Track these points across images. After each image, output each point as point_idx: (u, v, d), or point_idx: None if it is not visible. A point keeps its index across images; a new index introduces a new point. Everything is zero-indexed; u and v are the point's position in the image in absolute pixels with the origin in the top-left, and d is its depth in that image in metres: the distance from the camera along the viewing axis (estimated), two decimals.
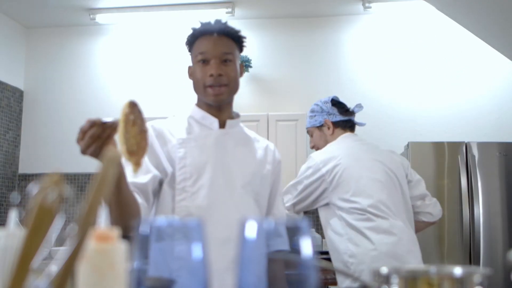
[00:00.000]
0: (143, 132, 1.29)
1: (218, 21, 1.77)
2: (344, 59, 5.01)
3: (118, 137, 1.25)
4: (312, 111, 2.59)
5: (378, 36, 4.98)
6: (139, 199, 1.58)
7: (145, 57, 5.14)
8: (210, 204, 1.68)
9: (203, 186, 1.69)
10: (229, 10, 4.79)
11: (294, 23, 5.07)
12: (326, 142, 2.52)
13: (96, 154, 1.32)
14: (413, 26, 4.93)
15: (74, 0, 4.76)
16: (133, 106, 1.29)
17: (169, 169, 1.70)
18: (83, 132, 1.30)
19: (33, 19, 5.17)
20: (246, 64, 4.84)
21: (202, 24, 1.78)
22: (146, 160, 1.66)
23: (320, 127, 2.56)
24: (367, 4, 4.75)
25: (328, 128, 2.55)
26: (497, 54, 4.40)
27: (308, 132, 2.61)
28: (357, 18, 5.03)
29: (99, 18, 5.04)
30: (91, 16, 4.99)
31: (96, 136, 1.29)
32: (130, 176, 1.63)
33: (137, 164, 1.26)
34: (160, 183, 1.71)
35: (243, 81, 5.19)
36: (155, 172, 1.67)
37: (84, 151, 1.32)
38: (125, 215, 1.47)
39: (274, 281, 0.57)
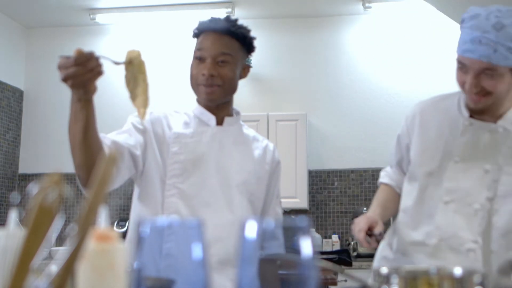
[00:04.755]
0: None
1: (226, 19, 1.73)
2: (344, 59, 5.01)
3: (142, 85, 1.32)
4: None
5: (378, 36, 4.98)
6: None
7: (145, 57, 5.13)
8: (200, 203, 1.66)
9: (194, 183, 1.67)
10: (229, 10, 4.80)
11: (294, 23, 5.07)
12: (507, 92, 1.66)
13: (79, 87, 1.31)
14: (413, 26, 4.93)
15: (74, 0, 4.76)
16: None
17: (158, 159, 1.69)
18: (76, 63, 1.26)
19: (33, 19, 5.16)
20: (247, 65, 4.84)
21: (210, 19, 1.73)
22: (139, 140, 1.65)
23: None
24: (367, 4, 4.75)
25: None
26: None
27: (488, 70, 1.57)
28: (357, 18, 5.03)
29: (99, 18, 5.04)
30: (91, 16, 4.99)
31: (90, 69, 1.27)
32: (113, 133, 1.63)
33: (145, 111, 1.34)
34: (136, 168, 1.67)
35: (243, 81, 5.17)
36: (139, 153, 1.65)
37: (68, 79, 1.28)
38: (88, 160, 1.42)
39: (267, 282, 0.57)
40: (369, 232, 1.69)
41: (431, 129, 1.78)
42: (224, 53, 1.69)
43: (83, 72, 1.27)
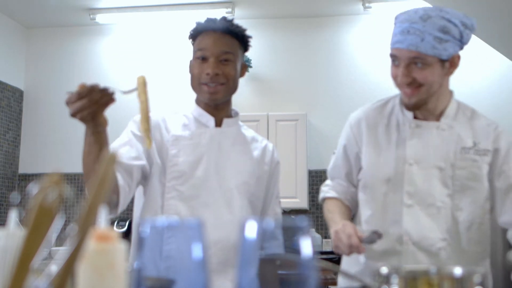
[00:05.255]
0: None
1: (223, 19, 1.74)
2: (344, 59, 5.01)
3: (142, 113, 1.28)
4: (445, 30, 1.63)
5: (378, 36, 4.98)
6: (121, 181, 1.56)
7: (145, 57, 5.14)
8: (200, 204, 1.66)
9: (194, 185, 1.67)
10: (229, 10, 4.80)
11: (294, 23, 5.07)
12: (439, 86, 1.70)
13: (88, 119, 1.33)
14: None
15: (74, 0, 4.76)
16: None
17: (158, 163, 1.69)
18: (79, 96, 1.29)
19: (33, 19, 5.16)
20: (246, 64, 4.83)
21: (207, 20, 1.75)
22: (140, 148, 1.65)
23: (444, 61, 1.66)
24: (367, 4, 4.75)
25: (452, 67, 1.70)
26: (494, 52, 4.41)
27: (418, 59, 1.63)
28: (357, 18, 5.03)
29: (99, 18, 5.04)
30: (91, 16, 4.99)
31: (94, 101, 1.29)
32: (116, 146, 1.63)
33: (150, 141, 1.32)
34: (144, 177, 1.68)
35: (243, 81, 5.18)
36: (144, 162, 1.65)
37: (75, 113, 1.31)
38: None
39: (267, 282, 0.57)
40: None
41: (380, 135, 1.79)
42: (226, 52, 1.70)
43: (87, 105, 1.29)
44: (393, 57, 1.69)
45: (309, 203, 4.69)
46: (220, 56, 1.69)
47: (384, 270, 0.72)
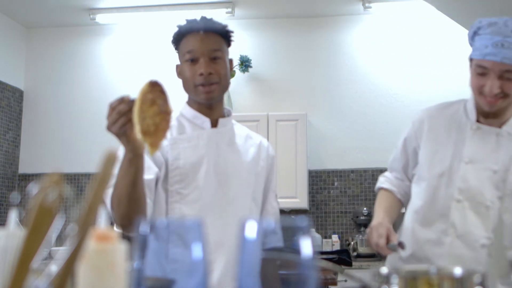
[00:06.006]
0: (164, 113, 1.25)
1: (203, 18, 1.75)
2: (344, 59, 5.01)
3: (134, 116, 1.21)
4: None
5: (378, 36, 4.98)
6: (147, 199, 1.56)
7: (146, 57, 5.14)
8: (203, 206, 1.66)
9: (197, 187, 1.67)
10: (229, 10, 4.79)
11: (294, 23, 5.06)
12: None
13: (120, 132, 1.31)
14: (413, 26, 4.93)
15: (74, 0, 4.76)
16: (153, 86, 1.24)
17: (162, 168, 1.69)
18: (112, 108, 1.30)
19: (33, 19, 5.16)
20: (246, 64, 4.83)
21: (188, 21, 1.74)
22: (147, 157, 1.65)
23: None
24: (367, 4, 4.75)
25: None
26: None
27: (509, 72, 1.71)
28: (357, 18, 5.02)
29: (99, 18, 5.04)
30: (91, 16, 4.99)
31: (123, 113, 1.28)
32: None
33: (152, 146, 1.22)
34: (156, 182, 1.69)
35: (243, 81, 5.19)
36: (156, 169, 1.66)
37: (109, 127, 1.31)
38: (134, 211, 1.46)
39: (268, 281, 0.57)
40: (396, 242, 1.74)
41: (440, 133, 1.89)
42: (215, 50, 1.71)
43: (116, 118, 1.29)
44: (482, 67, 1.74)
45: (309, 203, 4.69)
46: (210, 54, 1.69)
47: (384, 270, 0.72)
